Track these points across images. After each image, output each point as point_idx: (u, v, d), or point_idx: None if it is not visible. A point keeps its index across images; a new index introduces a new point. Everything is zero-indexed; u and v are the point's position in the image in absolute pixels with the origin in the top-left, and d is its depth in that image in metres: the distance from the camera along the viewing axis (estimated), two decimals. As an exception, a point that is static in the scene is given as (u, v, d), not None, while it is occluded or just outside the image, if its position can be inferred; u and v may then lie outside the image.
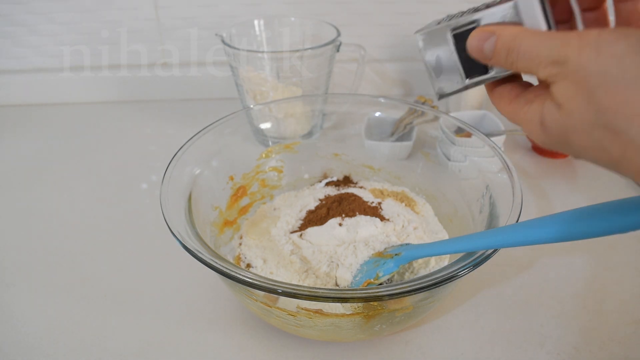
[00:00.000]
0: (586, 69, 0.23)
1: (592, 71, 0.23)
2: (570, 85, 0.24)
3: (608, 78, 0.22)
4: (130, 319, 0.52)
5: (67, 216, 0.67)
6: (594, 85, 0.23)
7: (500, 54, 0.26)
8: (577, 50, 0.23)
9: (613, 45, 0.22)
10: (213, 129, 0.56)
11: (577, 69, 0.23)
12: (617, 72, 0.22)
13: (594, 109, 0.23)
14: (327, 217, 0.54)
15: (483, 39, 0.27)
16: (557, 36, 0.24)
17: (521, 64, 0.26)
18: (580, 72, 0.23)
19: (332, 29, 0.75)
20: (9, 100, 0.96)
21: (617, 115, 0.22)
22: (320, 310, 0.43)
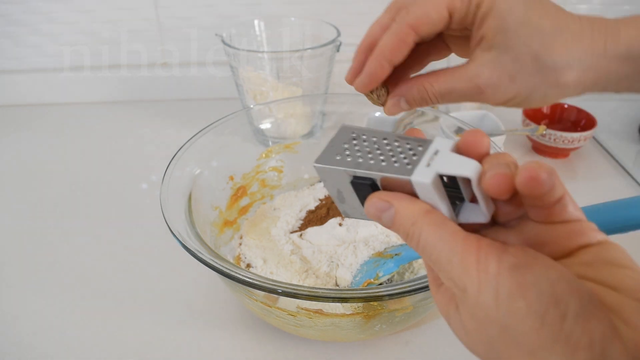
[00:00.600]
0: (485, 315, 0.21)
1: (491, 321, 0.21)
2: (470, 318, 0.22)
3: (508, 335, 0.21)
4: (130, 319, 0.52)
5: (67, 216, 0.67)
6: (493, 334, 0.22)
7: (400, 233, 0.25)
8: (477, 288, 0.21)
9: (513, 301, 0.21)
10: (213, 129, 0.56)
11: (476, 310, 0.22)
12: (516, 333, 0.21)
13: (491, 348, 0.22)
14: (327, 217, 0.54)
15: (380, 210, 0.25)
16: (457, 251, 0.22)
17: (424, 257, 0.24)
18: (479, 314, 0.22)
19: (332, 29, 0.75)
20: (9, 100, 0.96)
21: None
22: (320, 310, 0.43)
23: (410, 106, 0.33)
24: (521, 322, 0.20)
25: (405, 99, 0.33)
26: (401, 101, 0.33)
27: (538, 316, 0.20)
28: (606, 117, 0.85)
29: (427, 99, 0.32)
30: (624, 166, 0.75)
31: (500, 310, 0.21)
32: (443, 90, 0.32)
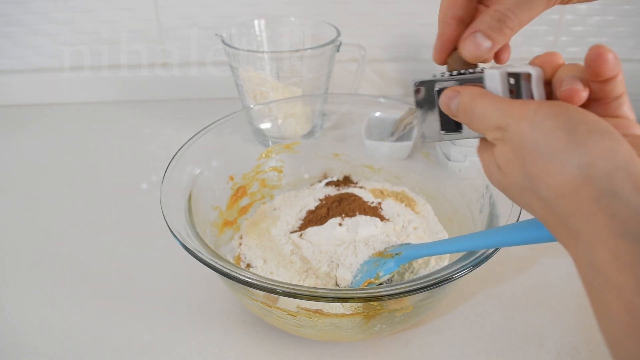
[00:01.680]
0: (522, 138, 0.25)
1: (526, 141, 0.25)
2: (509, 150, 0.26)
3: (537, 149, 0.25)
4: (130, 319, 0.52)
5: (66, 216, 0.67)
6: (525, 153, 0.25)
7: (460, 112, 0.29)
8: (517, 120, 0.26)
9: (546, 120, 0.25)
10: (213, 129, 0.56)
11: (514, 136, 0.26)
12: (544, 145, 0.24)
13: (523, 173, 0.26)
14: (327, 217, 0.54)
15: (450, 97, 0.30)
16: (504, 104, 0.27)
17: (474, 124, 0.29)
18: (516, 139, 0.26)
19: (332, 29, 0.75)
20: (9, 100, 0.96)
21: (540, 183, 0.25)
22: (320, 310, 0.43)
23: (489, 39, 0.29)
24: (549, 134, 0.24)
25: (481, 30, 0.29)
26: (477, 36, 0.29)
27: (565, 130, 0.24)
28: (606, 117, 0.85)
29: (503, 18, 0.28)
30: (624, 166, 0.75)
31: (534, 130, 0.24)
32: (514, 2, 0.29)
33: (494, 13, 0.29)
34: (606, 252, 0.21)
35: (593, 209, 0.22)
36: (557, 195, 0.23)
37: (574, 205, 0.23)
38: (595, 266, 0.21)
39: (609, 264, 0.20)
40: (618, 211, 0.21)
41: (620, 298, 0.20)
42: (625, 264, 0.20)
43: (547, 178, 0.24)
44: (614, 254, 0.20)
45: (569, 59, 0.30)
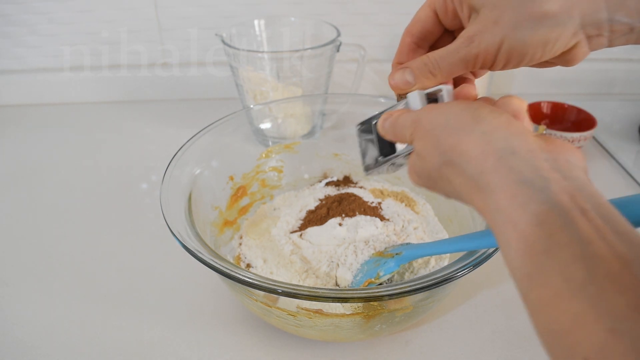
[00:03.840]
0: (433, 122, 0.31)
1: (438, 123, 0.31)
2: (424, 137, 0.31)
3: (448, 126, 0.30)
4: (130, 319, 0.52)
5: (67, 216, 0.67)
6: (438, 134, 0.30)
7: (390, 128, 0.35)
8: (427, 111, 0.32)
9: (453, 107, 0.31)
10: (213, 129, 0.56)
11: (427, 123, 0.31)
12: (453, 122, 0.30)
13: (439, 151, 0.30)
14: (327, 217, 0.54)
15: (384, 119, 0.36)
16: (419, 110, 0.34)
17: (398, 133, 0.35)
18: (429, 125, 0.31)
19: (332, 29, 0.75)
20: (9, 100, 0.96)
21: (453, 152, 0.29)
22: (320, 310, 0.43)
23: (415, 78, 0.35)
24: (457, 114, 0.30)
25: (410, 68, 0.35)
26: (406, 73, 0.35)
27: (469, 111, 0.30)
28: (606, 117, 0.85)
29: (429, 64, 0.34)
30: (624, 166, 0.75)
31: (444, 113, 0.31)
32: (441, 53, 0.34)
33: (425, 59, 0.34)
34: (507, 197, 0.25)
35: (496, 165, 0.27)
36: (468, 159, 0.28)
37: (482, 164, 0.27)
38: (499, 209, 0.26)
39: (509, 205, 0.25)
40: (515, 164, 0.26)
41: (515, 230, 0.24)
42: (520, 203, 0.25)
43: (459, 147, 0.29)
44: (513, 197, 0.25)
45: None
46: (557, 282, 0.22)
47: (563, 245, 0.22)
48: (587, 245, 0.22)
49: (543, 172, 0.25)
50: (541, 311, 0.23)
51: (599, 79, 0.95)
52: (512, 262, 0.25)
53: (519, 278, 0.24)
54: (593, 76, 0.95)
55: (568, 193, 0.24)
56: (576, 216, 0.23)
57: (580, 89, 0.95)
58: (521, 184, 0.25)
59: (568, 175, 0.25)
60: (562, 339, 0.21)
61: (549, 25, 0.30)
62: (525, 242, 0.24)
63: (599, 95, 0.96)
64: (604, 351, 0.19)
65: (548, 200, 0.24)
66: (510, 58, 0.32)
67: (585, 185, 0.25)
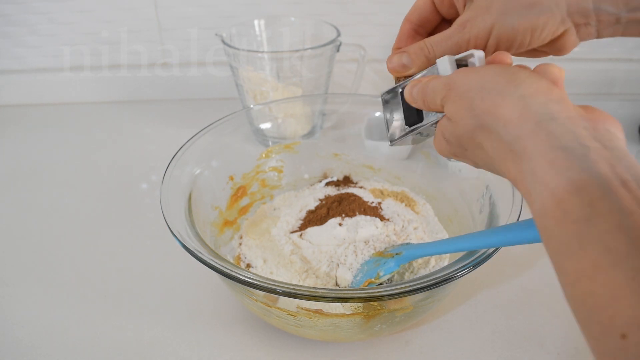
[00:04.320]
0: (468, 84, 0.30)
1: (472, 86, 0.29)
2: (457, 100, 0.30)
3: (483, 89, 0.29)
4: (130, 319, 0.52)
5: (67, 216, 0.67)
6: (472, 97, 0.29)
7: (419, 95, 0.34)
8: (462, 74, 0.31)
9: (489, 69, 0.30)
10: (213, 129, 0.56)
11: (461, 86, 0.30)
12: (489, 84, 0.29)
13: (472, 114, 0.29)
14: (327, 217, 0.54)
15: (412, 86, 0.35)
16: (451, 74, 0.33)
17: (428, 99, 0.33)
18: (462, 88, 0.30)
19: (332, 29, 0.75)
20: (9, 100, 0.96)
21: (488, 116, 0.28)
22: (320, 310, 0.43)
23: (412, 61, 0.36)
24: (493, 77, 0.29)
25: (407, 53, 0.36)
26: (403, 56, 0.36)
27: (506, 74, 0.29)
28: (606, 117, 0.85)
29: (425, 49, 0.35)
30: (624, 166, 0.75)
31: (479, 76, 0.30)
32: (436, 39, 0.35)
33: (422, 44, 0.35)
34: (545, 162, 0.25)
35: (534, 129, 0.26)
36: (504, 123, 0.27)
37: (519, 129, 0.27)
38: (535, 175, 0.25)
39: (546, 171, 0.24)
40: (554, 129, 0.25)
41: (553, 197, 0.24)
42: (559, 169, 0.24)
43: (495, 110, 0.28)
44: (551, 163, 0.24)
45: (568, 58, 0.31)
46: (596, 252, 0.21)
47: (603, 214, 0.22)
48: (629, 216, 0.21)
49: (583, 139, 0.25)
50: (577, 283, 0.22)
51: (599, 79, 0.95)
52: (547, 232, 0.24)
53: (555, 248, 0.24)
54: (593, 76, 0.95)
55: (608, 162, 0.23)
56: (616, 186, 0.22)
57: (580, 89, 0.95)
58: (560, 150, 0.24)
59: (608, 144, 0.25)
60: (599, 313, 0.20)
61: (536, 12, 0.32)
62: (563, 210, 0.23)
63: (599, 95, 0.96)
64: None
65: (588, 168, 0.23)
66: (499, 43, 0.33)
67: (626, 156, 0.24)
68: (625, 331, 0.19)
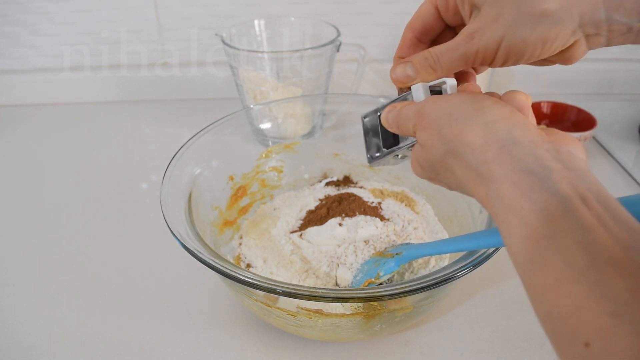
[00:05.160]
0: (436, 112, 0.31)
1: (441, 113, 0.31)
2: (427, 127, 0.32)
3: (451, 117, 0.30)
4: (130, 319, 0.52)
5: (67, 216, 0.67)
6: (441, 124, 0.30)
7: (394, 120, 0.36)
8: (431, 102, 0.32)
9: (456, 97, 0.31)
10: (213, 129, 0.56)
11: (430, 114, 0.32)
12: (456, 112, 0.30)
13: (442, 141, 0.30)
14: (327, 217, 0.54)
15: (388, 111, 0.36)
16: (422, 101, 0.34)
17: (402, 125, 0.35)
18: (432, 115, 0.31)
19: (332, 29, 0.75)
20: (9, 100, 0.96)
21: (456, 142, 0.29)
22: (320, 310, 0.43)
23: (416, 72, 0.35)
24: (460, 105, 0.30)
25: (412, 63, 0.36)
26: (407, 67, 0.36)
27: (472, 102, 0.30)
28: (606, 117, 0.85)
29: (430, 60, 0.35)
30: (624, 166, 0.75)
31: (447, 104, 0.31)
32: (442, 49, 0.34)
33: (427, 54, 0.35)
34: (509, 185, 0.26)
35: (499, 154, 0.27)
36: (471, 149, 0.28)
37: (484, 154, 0.28)
38: (501, 197, 0.26)
39: (511, 193, 0.25)
40: (517, 153, 0.26)
41: (517, 217, 0.25)
42: (522, 191, 0.25)
43: (462, 136, 0.29)
44: (514, 185, 0.25)
45: None
46: (559, 267, 0.22)
47: (565, 231, 0.23)
48: (589, 232, 0.22)
49: (545, 161, 0.26)
50: (543, 296, 0.23)
51: (599, 79, 0.95)
52: (514, 249, 0.25)
53: (521, 264, 0.25)
54: (593, 76, 0.95)
55: (569, 182, 0.24)
56: (577, 204, 0.23)
57: (580, 89, 0.95)
58: (523, 173, 0.25)
59: (569, 165, 0.26)
60: (564, 324, 0.21)
61: (548, 23, 0.31)
62: (528, 228, 0.24)
63: (599, 95, 0.96)
64: (605, 334, 0.19)
65: (550, 188, 0.24)
66: (509, 55, 0.32)
67: (586, 175, 0.25)
68: (589, 340, 0.20)
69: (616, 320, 0.19)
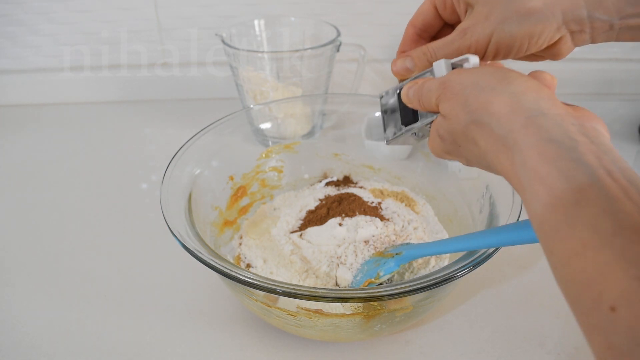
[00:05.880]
0: (462, 83, 0.32)
1: (466, 84, 0.31)
2: (451, 98, 0.32)
3: (477, 86, 0.30)
4: (130, 319, 0.52)
5: (67, 216, 0.67)
6: (467, 94, 0.31)
7: (415, 95, 0.36)
8: (456, 74, 0.33)
9: (482, 69, 0.32)
10: (213, 129, 0.56)
11: (455, 85, 0.32)
12: (483, 82, 0.30)
13: (466, 110, 0.31)
14: (327, 217, 0.54)
15: (409, 87, 0.37)
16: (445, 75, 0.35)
17: (424, 100, 0.35)
18: (457, 86, 0.32)
19: (332, 29, 0.75)
20: (9, 100, 0.96)
21: (481, 111, 0.30)
22: (320, 310, 0.43)
23: (415, 65, 0.38)
24: (486, 75, 0.31)
25: (411, 57, 0.38)
26: (407, 60, 0.38)
27: (498, 73, 0.31)
28: (606, 117, 0.84)
29: (428, 54, 0.37)
30: (624, 166, 0.75)
31: (473, 74, 0.32)
32: (439, 44, 0.37)
33: (425, 48, 0.37)
34: (535, 154, 0.26)
35: (525, 123, 0.27)
36: (497, 118, 0.29)
37: (510, 123, 0.28)
38: (527, 165, 0.26)
39: (537, 161, 0.26)
40: (544, 124, 0.27)
41: (543, 185, 0.25)
42: (549, 159, 0.25)
43: (488, 106, 0.29)
44: (541, 154, 0.26)
45: (568, 58, 0.32)
46: (585, 233, 0.22)
47: (591, 199, 0.23)
48: (615, 201, 0.23)
49: (571, 133, 0.26)
50: (567, 262, 0.23)
51: (599, 79, 0.95)
52: (539, 217, 0.25)
53: (546, 232, 0.25)
54: (593, 76, 0.95)
55: (595, 155, 0.25)
56: (603, 175, 0.24)
57: (580, 89, 0.95)
58: (550, 142, 0.26)
59: (595, 140, 0.26)
60: (589, 289, 0.22)
61: (533, 20, 0.33)
62: (554, 196, 0.24)
63: (599, 95, 0.96)
64: (630, 297, 0.20)
65: (576, 158, 0.25)
66: (499, 49, 0.35)
67: (611, 150, 0.26)
68: (615, 304, 0.20)
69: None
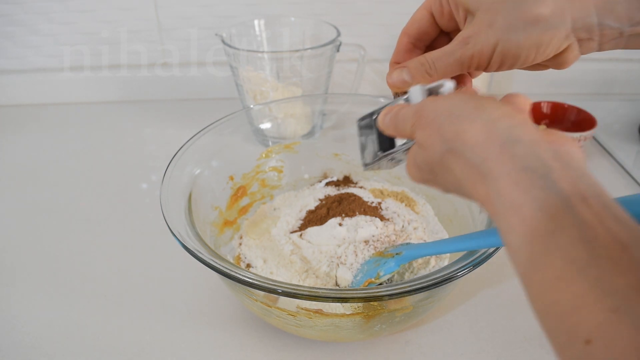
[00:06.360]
0: (436, 111, 0.31)
1: (441, 112, 0.30)
2: (426, 127, 0.31)
3: (451, 114, 0.30)
4: (130, 319, 0.52)
5: (67, 216, 0.67)
6: (441, 122, 0.30)
7: (391, 122, 0.35)
8: (431, 101, 0.32)
9: (457, 96, 0.31)
10: (213, 129, 0.56)
11: (430, 113, 0.31)
12: (457, 110, 0.29)
13: (441, 139, 0.30)
14: (327, 217, 0.54)
15: (385, 114, 0.36)
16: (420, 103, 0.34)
17: (399, 127, 0.34)
18: (432, 114, 0.31)
19: (332, 29, 0.75)
20: (9, 100, 0.96)
21: (456, 140, 0.29)
22: (320, 310, 0.43)
23: (412, 77, 0.36)
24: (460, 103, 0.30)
25: (407, 68, 0.36)
26: (403, 72, 0.36)
27: (473, 101, 0.30)
28: (606, 117, 0.85)
29: (426, 65, 0.35)
30: (624, 166, 0.75)
31: (447, 101, 0.31)
32: (437, 54, 0.35)
33: (422, 59, 0.35)
34: (510, 182, 0.26)
35: (499, 152, 0.27)
36: (471, 147, 0.28)
37: (485, 152, 0.28)
38: (501, 195, 0.26)
39: (512, 190, 0.25)
40: (518, 151, 0.26)
41: (518, 214, 0.25)
42: (523, 189, 0.25)
43: (463, 134, 0.29)
44: (516, 183, 0.26)
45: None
46: (559, 264, 0.22)
47: (564, 228, 0.23)
48: (588, 229, 0.22)
49: (545, 160, 0.26)
50: (543, 294, 0.23)
51: (599, 79, 0.95)
52: (514, 247, 0.25)
53: (521, 262, 0.25)
54: (593, 76, 0.95)
55: (569, 181, 0.25)
56: (577, 202, 0.23)
57: (580, 89, 0.95)
58: (524, 171, 0.26)
59: (569, 165, 0.26)
60: (564, 321, 0.21)
61: (541, 28, 0.31)
62: (528, 226, 0.24)
63: (599, 95, 0.96)
64: (605, 330, 0.19)
65: (550, 186, 0.24)
66: (504, 60, 0.33)
67: (585, 175, 0.25)
68: (590, 337, 0.20)
69: (617, 316, 0.19)
